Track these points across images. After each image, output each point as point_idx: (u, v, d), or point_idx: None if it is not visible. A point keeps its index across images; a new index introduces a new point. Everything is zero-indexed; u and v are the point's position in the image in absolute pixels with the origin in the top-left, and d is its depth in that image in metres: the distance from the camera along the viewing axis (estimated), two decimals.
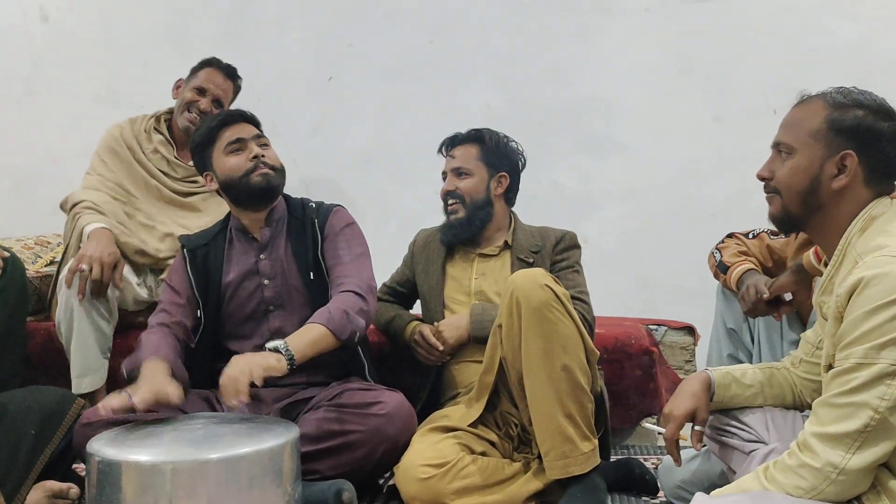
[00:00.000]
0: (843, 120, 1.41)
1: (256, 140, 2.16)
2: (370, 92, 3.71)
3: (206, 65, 2.77)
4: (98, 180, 2.70)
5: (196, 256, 2.18)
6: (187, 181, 2.77)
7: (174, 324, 2.11)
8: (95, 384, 2.40)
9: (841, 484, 1.28)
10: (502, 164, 2.35)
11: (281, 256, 2.16)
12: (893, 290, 1.26)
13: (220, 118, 2.20)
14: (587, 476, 1.91)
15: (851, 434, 1.27)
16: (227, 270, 2.16)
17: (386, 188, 3.67)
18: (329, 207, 2.22)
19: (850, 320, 1.30)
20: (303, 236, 2.16)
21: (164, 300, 2.18)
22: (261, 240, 2.18)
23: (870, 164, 1.40)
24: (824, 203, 1.43)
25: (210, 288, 2.15)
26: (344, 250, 2.12)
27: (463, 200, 2.32)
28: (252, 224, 2.18)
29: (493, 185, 2.34)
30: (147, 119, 2.82)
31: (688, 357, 3.06)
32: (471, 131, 2.39)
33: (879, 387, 1.26)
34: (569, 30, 3.72)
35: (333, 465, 1.89)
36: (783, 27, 3.58)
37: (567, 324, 1.91)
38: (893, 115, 1.42)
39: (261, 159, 2.12)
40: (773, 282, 2.07)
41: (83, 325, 2.39)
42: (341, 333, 1.94)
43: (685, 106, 3.65)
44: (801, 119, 1.46)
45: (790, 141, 1.46)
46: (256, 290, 2.14)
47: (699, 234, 2.79)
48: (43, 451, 1.83)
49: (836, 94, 1.45)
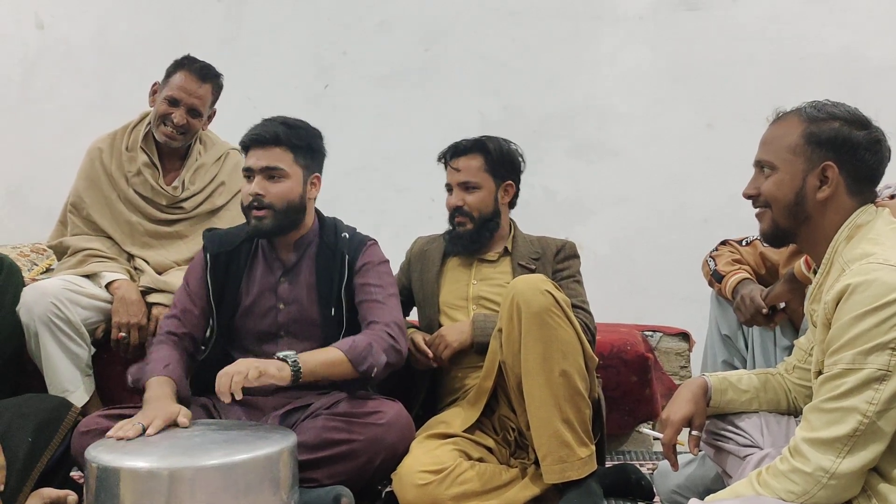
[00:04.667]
0: (820, 133, 1.44)
1: (264, 173, 2.01)
2: (365, 99, 3.73)
3: (179, 67, 2.52)
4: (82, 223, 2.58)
5: (218, 263, 2.10)
6: (172, 207, 2.60)
7: (184, 335, 2.09)
8: (78, 402, 2.29)
9: (832, 488, 1.30)
10: (508, 172, 2.32)
11: (302, 283, 2.10)
12: (880, 295, 1.28)
13: (247, 138, 2.06)
14: (584, 481, 1.92)
15: (841, 438, 1.29)
16: (246, 285, 2.10)
17: (381, 195, 3.68)
18: (362, 242, 2.13)
19: (838, 326, 1.33)
20: (330, 268, 2.08)
21: (178, 302, 2.12)
22: (286, 262, 2.11)
23: (850, 172, 1.44)
24: (811, 214, 1.47)
25: (226, 298, 2.09)
26: (376, 290, 2.06)
27: (471, 216, 2.28)
28: (280, 244, 2.12)
29: (501, 195, 2.32)
30: (129, 133, 2.61)
31: (683, 363, 3.08)
32: (473, 141, 2.31)
33: (867, 391, 1.28)
34: (562, 37, 3.74)
35: (332, 474, 1.89)
36: (774, 35, 3.62)
37: (567, 329, 1.92)
38: (868, 124, 1.46)
39: (259, 198, 2.00)
40: (768, 292, 2.09)
41: (50, 349, 2.30)
42: (359, 364, 1.90)
43: (678, 113, 3.68)
44: (779, 136, 1.50)
45: (771, 158, 1.50)
46: (270, 312, 2.09)
47: (692, 240, 2.82)
48: (39, 459, 1.83)
49: (811, 109, 1.48)
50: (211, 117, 2.65)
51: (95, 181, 2.59)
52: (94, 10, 3.86)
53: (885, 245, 1.37)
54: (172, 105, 2.50)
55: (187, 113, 2.51)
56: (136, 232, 2.58)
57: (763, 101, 3.41)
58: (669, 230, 3.62)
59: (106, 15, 3.85)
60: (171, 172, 2.63)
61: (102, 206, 2.58)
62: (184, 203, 2.61)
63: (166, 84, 2.53)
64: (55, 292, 2.31)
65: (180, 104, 2.50)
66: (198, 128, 2.58)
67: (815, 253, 1.52)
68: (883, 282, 1.29)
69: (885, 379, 1.27)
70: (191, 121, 2.52)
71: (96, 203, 2.58)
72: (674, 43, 3.69)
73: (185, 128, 2.52)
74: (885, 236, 1.39)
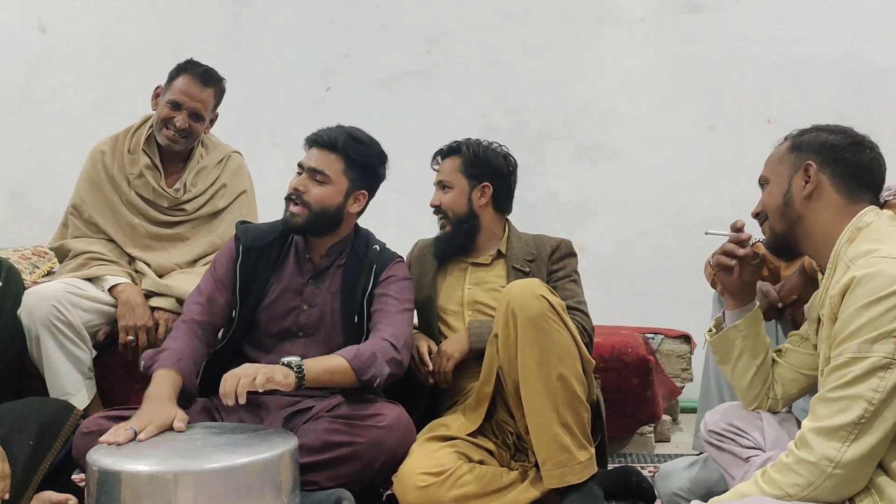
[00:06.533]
0: (802, 141, 1.59)
1: (311, 173, 2.08)
2: (368, 102, 3.73)
3: (181, 71, 2.53)
4: (84, 225, 2.58)
5: (249, 256, 2.12)
6: (174, 209, 2.61)
7: (206, 323, 2.09)
8: (79, 405, 2.29)
9: (837, 478, 1.30)
10: (483, 173, 2.33)
11: (328, 288, 2.13)
12: (884, 286, 1.31)
13: (311, 136, 2.14)
14: (584, 485, 1.91)
15: (846, 426, 1.30)
16: (274, 282, 2.12)
17: (383, 197, 3.67)
18: (391, 256, 2.18)
19: (844, 317, 1.35)
20: (357, 276, 2.12)
21: (203, 289, 2.12)
22: (317, 266, 2.15)
23: (833, 170, 1.52)
24: (801, 212, 1.54)
25: (251, 292, 2.11)
26: (393, 302, 2.09)
27: (446, 215, 2.33)
28: (314, 246, 2.16)
29: (476, 196, 2.32)
30: (131, 135, 2.62)
31: (684, 365, 3.08)
32: (452, 143, 2.38)
33: (872, 379, 1.30)
34: (564, 39, 3.74)
35: (333, 476, 1.89)
36: (777, 37, 3.61)
37: (563, 334, 1.93)
38: (847, 130, 1.57)
39: (298, 194, 2.07)
40: (781, 286, 2.10)
41: (51, 352, 2.30)
42: (362, 373, 1.92)
43: (680, 115, 3.67)
44: (773, 155, 1.66)
45: (766, 173, 1.65)
46: (293, 312, 2.11)
47: (693, 242, 2.80)
48: (41, 462, 1.83)
49: (800, 129, 1.64)
50: (213, 121, 2.65)
51: (97, 183, 2.59)
52: (96, 13, 3.87)
53: (888, 242, 1.40)
54: (175, 109, 2.50)
55: (189, 117, 2.51)
56: (138, 234, 2.58)
57: (765, 104, 3.45)
58: (671, 232, 3.62)
59: (108, 18, 3.86)
60: (173, 175, 2.63)
61: (104, 209, 2.59)
62: (185, 205, 2.61)
63: (169, 88, 2.53)
64: (56, 295, 2.32)
65: (183, 108, 2.50)
66: (200, 131, 2.59)
67: (817, 255, 1.55)
68: (887, 273, 1.32)
69: (890, 367, 1.29)
70: (193, 125, 2.53)
71: (98, 205, 2.59)
72: (676, 45, 3.69)
73: (187, 131, 2.53)
74: (887, 235, 1.43)
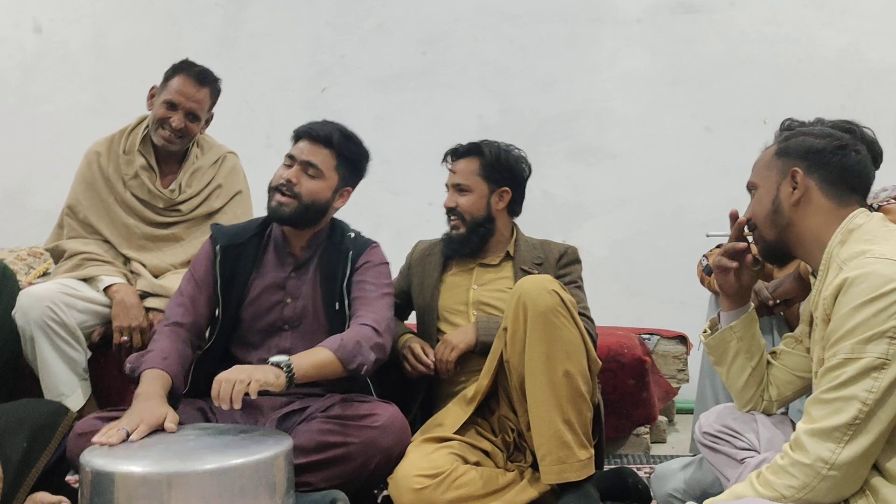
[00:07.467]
0: (788, 146, 1.57)
1: (304, 167, 2.08)
2: (363, 103, 3.73)
3: (177, 71, 2.52)
4: (79, 226, 2.58)
5: (227, 256, 2.12)
6: (169, 210, 2.60)
7: (189, 325, 2.09)
8: (74, 406, 2.30)
9: (832, 480, 1.30)
10: (503, 178, 2.31)
11: (310, 279, 2.13)
12: (877, 286, 1.31)
13: (302, 128, 2.14)
14: (581, 485, 1.91)
15: (841, 427, 1.30)
16: (256, 278, 2.13)
17: (378, 199, 3.68)
18: (366, 243, 2.19)
19: (837, 318, 1.35)
20: (335, 265, 2.13)
21: (184, 291, 2.12)
22: (298, 258, 2.15)
23: (820, 175, 1.52)
24: (790, 218, 1.54)
25: (233, 291, 2.11)
26: (371, 287, 2.09)
27: (463, 218, 2.29)
28: (294, 239, 2.16)
29: (495, 200, 2.31)
30: (127, 136, 2.61)
31: (680, 366, 3.08)
32: (471, 144, 2.33)
33: (866, 380, 1.30)
34: (560, 40, 3.75)
35: (327, 477, 1.88)
36: (773, 38, 3.62)
37: (572, 330, 1.93)
38: (832, 134, 1.56)
39: (288, 185, 2.06)
40: (775, 287, 2.10)
41: (46, 353, 2.29)
42: (349, 363, 1.92)
43: (676, 116, 3.68)
44: (760, 159, 1.64)
45: (754, 179, 1.64)
46: (277, 306, 2.12)
47: (689, 243, 2.81)
48: (34, 464, 1.82)
49: (785, 132, 1.63)
50: (209, 121, 2.64)
51: (93, 184, 2.59)
52: (91, 14, 3.87)
53: (880, 242, 1.40)
54: (171, 109, 2.50)
55: (185, 117, 2.51)
56: (133, 235, 2.58)
57: (761, 104, 3.45)
58: (668, 233, 3.62)
59: (104, 18, 3.86)
60: (169, 175, 2.63)
61: (99, 209, 2.58)
62: (181, 206, 2.60)
63: (164, 88, 2.53)
64: (51, 296, 2.31)
65: (178, 108, 2.49)
66: (196, 132, 2.58)
67: (810, 258, 1.55)
68: (880, 274, 1.32)
69: (884, 367, 1.29)
70: (189, 125, 2.52)
71: (93, 206, 2.58)
72: (672, 46, 3.69)
73: (183, 132, 2.53)
74: (879, 236, 1.43)
